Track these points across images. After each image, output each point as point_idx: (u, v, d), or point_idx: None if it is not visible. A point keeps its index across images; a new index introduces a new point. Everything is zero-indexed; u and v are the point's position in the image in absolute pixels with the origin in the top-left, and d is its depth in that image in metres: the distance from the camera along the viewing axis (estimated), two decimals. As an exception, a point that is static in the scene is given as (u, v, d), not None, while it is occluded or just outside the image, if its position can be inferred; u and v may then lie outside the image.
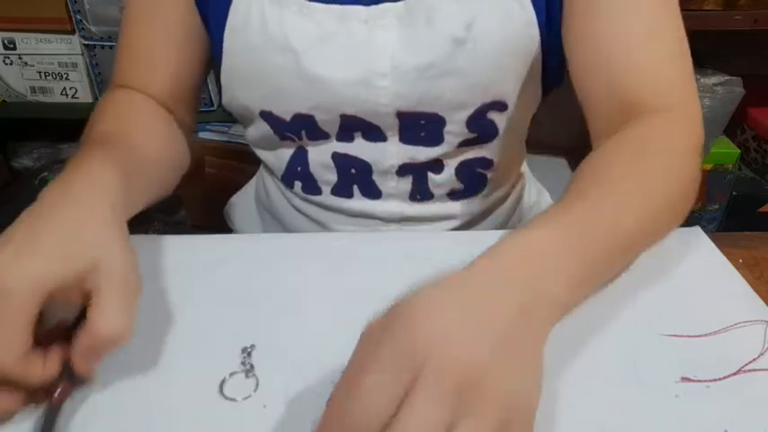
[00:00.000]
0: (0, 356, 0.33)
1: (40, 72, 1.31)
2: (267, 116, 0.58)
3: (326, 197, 0.63)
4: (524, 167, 0.73)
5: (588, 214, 0.38)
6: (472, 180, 0.62)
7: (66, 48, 1.28)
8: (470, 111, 0.55)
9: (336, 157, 0.59)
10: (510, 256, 0.34)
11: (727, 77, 1.21)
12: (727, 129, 1.28)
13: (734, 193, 1.32)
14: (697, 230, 0.54)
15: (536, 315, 0.32)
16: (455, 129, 0.56)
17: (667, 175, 0.44)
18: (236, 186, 0.80)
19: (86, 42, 1.26)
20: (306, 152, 0.60)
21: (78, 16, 1.23)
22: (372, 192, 0.61)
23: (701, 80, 1.20)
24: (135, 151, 0.49)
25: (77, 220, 0.37)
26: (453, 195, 0.62)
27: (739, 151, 1.29)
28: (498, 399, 0.28)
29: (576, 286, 0.36)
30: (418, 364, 0.27)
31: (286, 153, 0.62)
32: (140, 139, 0.52)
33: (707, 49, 1.30)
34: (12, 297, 0.33)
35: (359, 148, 0.58)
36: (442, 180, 0.60)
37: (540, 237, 0.35)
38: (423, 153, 0.58)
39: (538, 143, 0.76)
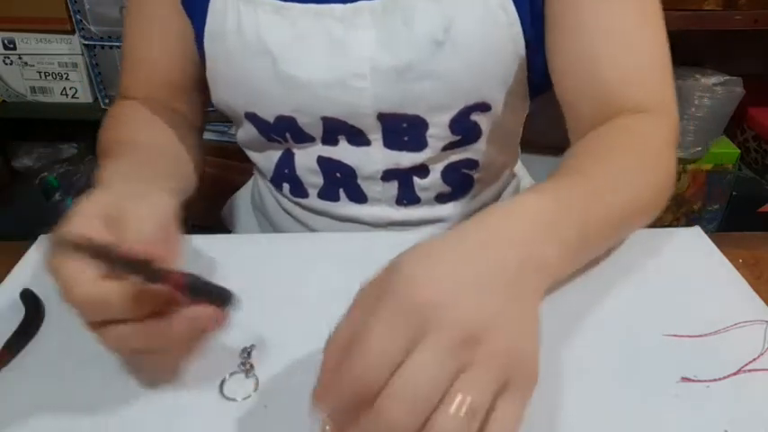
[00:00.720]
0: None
1: (40, 72, 1.31)
2: (252, 117, 0.58)
3: (313, 200, 0.63)
4: (521, 167, 0.73)
5: (582, 189, 0.39)
6: (459, 182, 0.61)
7: (66, 48, 1.28)
8: (453, 113, 0.54)
9: (321, 160, 0.59)
10: (503, 218, 0.33)
11: (727, 77, 1.21)
12: (727, 129, 1.28)
13: (734, 193, 1.32)
14: (697, 230, 0.54)
15: (532, 276, 0.32)
16: (438, 132, 0.56)
17: (647, 167, 0.46)
18: (236, 186, 0.80)
19: (86, 42, 1.26)
20: (293, 155, 0.60)
21: (78, 16, 1.23)
22: (358, 196, 0.61)
23: (701, 80, 1.20)
24: (143, 150, 0.52)
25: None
26: (441, 198, 0.62)
27: (739, 151, 1.29)
28: (499, 356, 0.28)
29: (568, 254, 0.36)
30: (420, 321, 0.27)
31: (274, 155, 0.62)
32: (147, 140, 0.55)
33: (707, 49, 1.30)
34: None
35: (343, 152, 0.58)
36: (428, 184, 0.60)
37: (535, 202, 0.35)
38: (407, 158, 0.57)
39: (536, 143, 0.76)
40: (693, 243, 0.52)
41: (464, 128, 0.56)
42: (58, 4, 1.22)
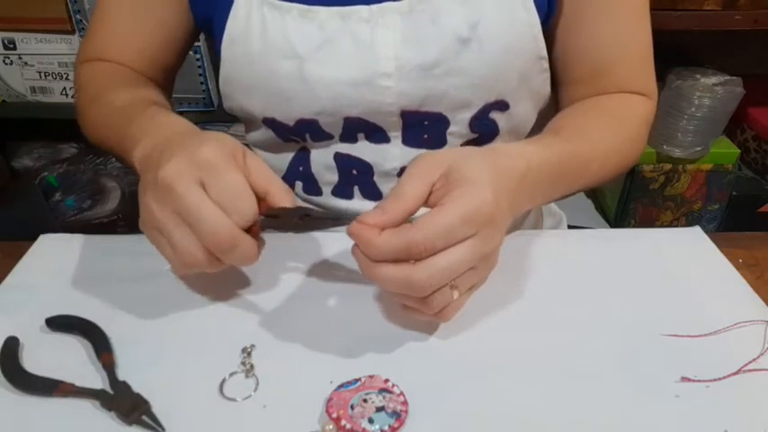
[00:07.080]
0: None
1: (40, 72, 1.31)
2: (270, 122, 0.58)
3: (327, 198, 0.62)
4: None
5: (569, 155, 0.49)
6: None
7: (66, 48, 1.28)
8: (474, 111, 0.55)
9: (338, 157, 0.59)
10: (518, 173, 0.43)
11: (727, 77, 1.21)
12: (727, 129, 1.28)
13: (734, 193, 1.32)
14: (697, 230, 0.54)
15: (509, 219, 0.42)
16: (458, 130, 0.56)
17: (628, 135, 0.57)
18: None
19: (86, 42, 1.26)
20: (308, 153, 0.60)
21: (78, 16, 1.23)
22: (373, 193, 0.61)
23: (702, 80, 1.20)
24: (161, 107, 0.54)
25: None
26: None
27: (739, 151, 1.29)
28: (489, 271, 0.41)
29: (541, 200, 0.49)
30: (476, 229, 0.37)
31: (288, 154, 0.62)
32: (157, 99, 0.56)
33: (707, 49, 1.30)
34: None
35: (361, 149, 0.58)
36: None
37: (541, 159, 0.45)
38: None
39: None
40: (693, 243, 0.53)
41: (483, 125, 0.57)
42: (57, 4, 1.21)
